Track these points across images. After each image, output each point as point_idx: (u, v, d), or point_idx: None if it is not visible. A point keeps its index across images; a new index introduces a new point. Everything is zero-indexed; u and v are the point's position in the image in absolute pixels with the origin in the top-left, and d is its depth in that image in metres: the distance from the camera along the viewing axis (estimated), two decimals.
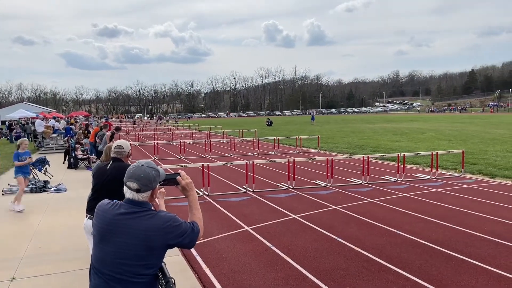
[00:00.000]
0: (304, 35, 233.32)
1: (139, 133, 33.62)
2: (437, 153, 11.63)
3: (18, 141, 8.75)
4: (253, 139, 20.53)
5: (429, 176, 11.16)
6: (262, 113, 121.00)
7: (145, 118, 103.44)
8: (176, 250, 5.62)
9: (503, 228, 6.47)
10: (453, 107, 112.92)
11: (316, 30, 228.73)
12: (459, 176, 11.37)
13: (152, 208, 2.16)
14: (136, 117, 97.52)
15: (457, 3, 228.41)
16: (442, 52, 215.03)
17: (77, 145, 14.91)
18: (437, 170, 11.53)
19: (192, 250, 5.64)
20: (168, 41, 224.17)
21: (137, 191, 2.10)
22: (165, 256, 2.17)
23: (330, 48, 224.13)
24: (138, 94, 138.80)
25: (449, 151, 12.90)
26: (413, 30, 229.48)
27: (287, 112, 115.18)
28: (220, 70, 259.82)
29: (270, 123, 45.42)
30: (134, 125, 51.29)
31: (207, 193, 9.32)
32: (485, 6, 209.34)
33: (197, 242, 5.77)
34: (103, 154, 4.72)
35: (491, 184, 10.24)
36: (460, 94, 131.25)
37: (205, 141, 20.07)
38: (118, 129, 15.45)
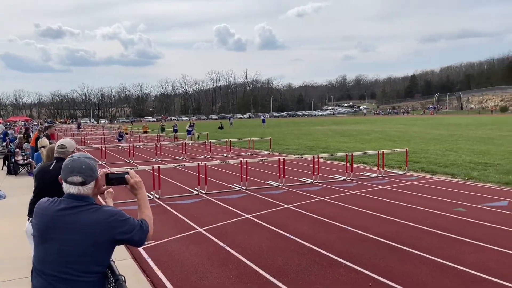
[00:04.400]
0: (255, 39, 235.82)
1: (85, 137, 32.32)
2: (383, 152, 12.11)
3: None
4: (205, 142, 20.38)
5: (376, 174, 11.60)
6: (214, 116, 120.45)
7: (91, 122, 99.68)
8: (126, 253, 5.44)
9: (444, 221, 6.84)
10: (397, 110, 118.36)
11: (268, 34, 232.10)
12: (403, 173, 11.90)
13: (95, 202, 2.07)
14: (82, 121, 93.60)
15: (400, 11, 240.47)
16: (386, 57, 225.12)
17: (17, 150, 14.07)
18: (383, 169, 12.00)
19: (143, 253, 5.49)
20: (116, 44, 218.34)
21: (82, 183, 2.02)
22: (115, 260, 2.08)
23: (281, 53, 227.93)
24: (84, 97, 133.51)
25: (394, 150, 13.48)
26: (360, 35, 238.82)
27: (238, 116, 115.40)
28: (171, 73, 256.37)
29: (222, 127, 45.34)
30: (80, 130, 49.16)
31: (158, 196, 9.11)
32: (426, 14, 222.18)
33: (148, 245, 5.58)
34: (44, 156, 4.47)
35: (432, 180, 10.81)
36: (403, 98, 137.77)
37: (156, 144, 19.65)
38: (48, 127, 14.31)
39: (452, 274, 4.65)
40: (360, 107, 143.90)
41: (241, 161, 10.54)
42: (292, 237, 6.13)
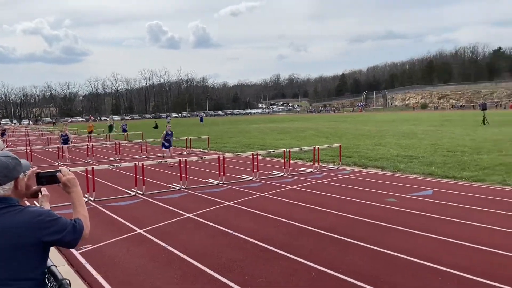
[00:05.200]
0: (189, 37, 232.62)
1: (8, 139, 29.93)
2: (318, 148, 12.52)
3: None
4: (140, 142, 19.77)
5: (312, 169, 11.98)
6: (147, 115, 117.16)
7: (12, 123, 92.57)
8: (60, 258, 5.13)
9: (378, 211, 7.23)
10: (328, 108, 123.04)
11: (202, 32, 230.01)
12: (337, 168, 12.41)
13: (19, 203, 1.91)
14: (2, 122, 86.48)
15: (330, 12, 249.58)
16: (317, 56, 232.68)
17: None
18: (318, 164, 12.42)
19: (80, 258, 5.22)
20: (39, 39, 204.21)
21: None
22: (51, 263, 1.95)
23: (215, 51, 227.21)
24: (3, 97, 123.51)
25: (329, 146, 14.01)
26: (293, 35, 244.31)
27: (174, 115, 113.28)
28: (100, 71, 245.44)
29: (157, 126, 44.23)
30: (3, 136, 45.21)
31: (92, 199, 8.69)
32: (354, 15, 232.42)
33: (85, 249, 5.30)
34: None
35: (364, 173, 11.38)
36: (333, 96, 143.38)
37: (87, 145, 18.71)
38: None
39: (387, 260, 4.93)
40: (294, 105, 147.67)
41: (180, 160, 10.37)
42: (235, 233, 6.15)
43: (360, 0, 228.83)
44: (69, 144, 17.91)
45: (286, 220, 6.78)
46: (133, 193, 9.31)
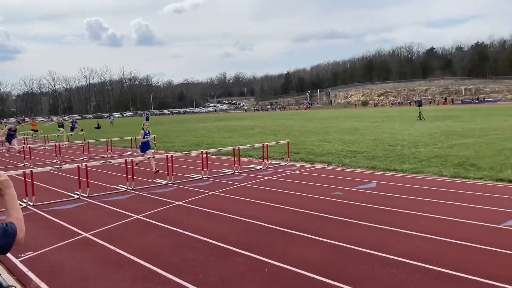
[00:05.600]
0: (131, 35, 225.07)
1: None
2: (267, 145, 12.66)
3: None
4: (82, 143, 18.94)
5: (261, 166, 12.09)
6: (88, 115, 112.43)
7: None
8: None
9: (326, 205, 7.44)
10: (274, 106, 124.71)
11: (144, 30, 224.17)
12: (285, 164, 12.62)
13: None
14: None
15: (273, 11, 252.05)
16: (263, 55, 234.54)
17: None
18: (267, 161, 12.56)
19: (21, 266, 4.91)
20: None
21: None
22: None
23: (159, 49, 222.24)
24: None
25: (277, 143, 14.20)
26: (238, 33, 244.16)
27: (116, 114, 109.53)
28: (36, 69, 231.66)
29: (99, 126, 42.57)
30: None
31: (31, 203, 8.21)
32: (297, 15, 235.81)
33: (25, 256, 5.03)
34: None
35: (312, 168, 11.67)
36: (279, 94, 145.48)
37: (23, 147, 17.61)
38: None
39: (337, 251, 5.10)
40: (241, 104, 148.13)
41: (126, 160, 10.06)
42: (186, 232, 6.07)
43: (302, 0, 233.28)
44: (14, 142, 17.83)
45: (237, 217, 6.80)
46: (77, 196, 8.91)
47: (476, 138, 16.64)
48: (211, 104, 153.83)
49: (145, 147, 12.38)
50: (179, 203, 8.02)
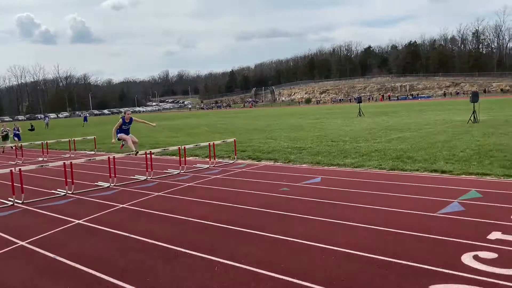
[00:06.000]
0: (66, 31, 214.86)
1: None
2: (213, 143, 12.58)
3: None
4: (14, 146, 17.75)
5: (208, 165, 12.00)
6: (21, 117, 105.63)
7: None
8: None
9: (273, 201, 7.53)
10: (220, 104, 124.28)
11: (80, 26, 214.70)
12: (233, 162, 12.62)
13: None
14: None
15: (216, 9, 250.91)
16: (206, 53, 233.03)
17: None
18: (214, 159, 12.49)
19: None
20: None
21: None
22: None
23: (97, 46, 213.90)
24: None
25: (224, 141, 14.16)
26: (181, 31, 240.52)
27: (52, 115, 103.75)
28: None
29: (32, 128, 40.14)
30: None
31: None
32: (240, 13, 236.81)
33: None
34: None
35: (258, 166, 11.76)
36: (224, 92, 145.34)
37: None
38: None
39: (286, 246, 5.17)
40: (185, 102, 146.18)
41: (64, 163, 9.55)
42: (132, 235, 5.88)
43: None
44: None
45: (185, 218, 6.70)
46: (11, 203, 8.33)
47: (411, 132, 17.61)
48: (154, 103, 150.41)
49: (124, 132, 11.22)
50: (123, 206, 7.76)
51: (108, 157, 10.18)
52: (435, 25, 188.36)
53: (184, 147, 11.89)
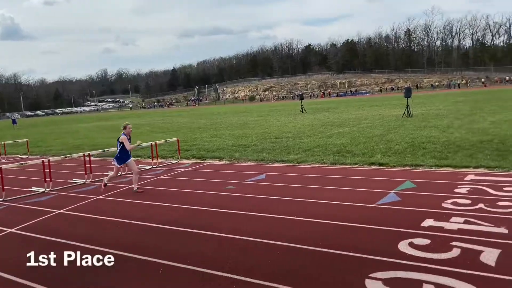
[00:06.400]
0: None
1: None
2: (155, 143, 12.29)
3: None
4: None
5: (151, 166, 11.71)
6: None
7: None
8: None
9: (219, 199, 7.50)
10: (162, 103, 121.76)
11: (9, 22, 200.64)
12: (176, 162, 12.41)
13: None
14: None
15: (157, 5, 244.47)
16: (147, 51, 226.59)
17: None
18: (157, 160, 12.21)
19: None
20: None
21: None
22: None
23: (28, 44, 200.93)
24: None
25: (166, 141, 13.88)
26: (119, 28, 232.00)
27: None
28: None
29: None
30: None
31: None
32: (181, 10, 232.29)
33: None
34: None
35: (203, 165, 11.66)
36: (166, 91, 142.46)
37: None
38: None
39: (232, 244, 5.17)
40: (125, 102, 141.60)
41: None
42: (70, 242, 5.59)
43: None
44: None
45: (127, 221, 6.48)
46: None
47: (350, 127, 18.30)
48: (92, 103, 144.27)
49: (125, 156, 8.75)
50: (60, 211, 7.37)
51: (43, 160, 9.61)
52: (371, 23, 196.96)
53: None
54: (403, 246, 4.67)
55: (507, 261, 4.12)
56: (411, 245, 4.68)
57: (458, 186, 7.15)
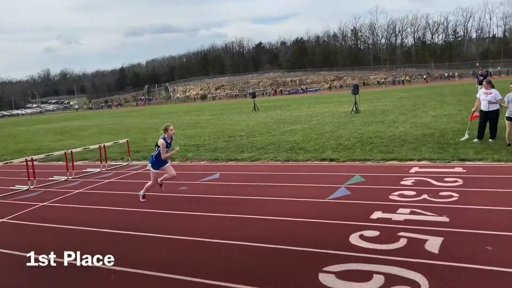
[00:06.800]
0: None
1: None
2: (104, 145, 11.88)
3: None
4: None
5: (100, 169, 11.31)
6: None
7: None
8: None
9: (172, 201, 7.38)
10: (110, 103, 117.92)
11: None
12: (127, 164, 12.07)
13: None
14: None
15: (101, 2, 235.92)
16: (93, 50, 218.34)
17: None
18: (106, 162, 11.81)
19: None
20: None
21: None
22: None
23: None
24: None
25: (115, 142, 13.44)
26: (61, 26, 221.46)
27: None
28: None
29: None
30: None
31: None
32: (128, 8, 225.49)
33: None
34: None
35: None
36: (114, 91, 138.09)
37: None
38: None
39: (184, 246, 5.11)
40: (71, 103, 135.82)
41: None
42: (14, 252, 5.29)
43: None
44: None
45: (75, 227, 6.22)
46: None
47: (302, 125, 18.63)
48: (34, 105, 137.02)
49: (161, 162, 7.51)
50: (2, 220, 6.94)
51: None
52: (319, 22, 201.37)
53: (71, 151, 11.04)
54: (354, 238, 4.82)
55: (449, 248, 4.37)
56: (362, 237, 4.84)
57: (404, 179, 7.48)
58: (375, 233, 4.93)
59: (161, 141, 7.28)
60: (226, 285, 3.97)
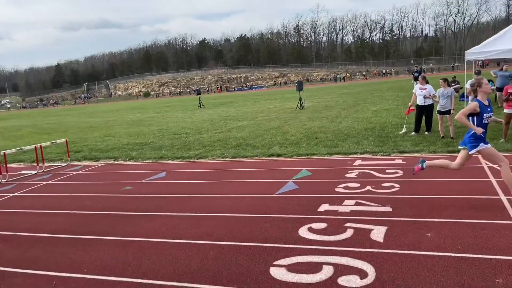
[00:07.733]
0: None
1: None
2: (40, 146, 11.19)
3: None
4: None
5: (37, 171, 10.65)
6: None
7: None
8: None
9: (116, 202, 7.09)
10: (46, 102, 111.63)
11: None
12: (66, 165, 11.46)
13: None
14: None
15: None
16: (26, 45, 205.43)
17: None
18: (43, 163, 11.15)
19: None
20: None
21: None
22: None
23: None
24: None
25: (53, 143, 12.71)
26: None
27: None
28: None
29: None
30: None
31: None
32: (62, 1, 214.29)
33: None
34: None
35: (97, 166, 10.94)
36: (50, 88, 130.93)
37: None
38: None
39: (132, 247, 4.91)
40: (2, 102, 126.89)
41: None
42: None
43: None
44: None
45: (10, 233, 5.80)
46: None
47: (249, 121, 18.69)
48: None
49: (477, 138, 5.19)
50: None
51: None
52: (263, 19, 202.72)
53: (4, 152, 10.29)
54: (303, 231, 4.89)
55: (393, 236, 4.55)
56: (310, 230, 4.92)
57: (348, 171, 7.72)
58: (323, 225, 5.03)
59: (473, 104, 5.16)
60: (177, 285, 3.87)
